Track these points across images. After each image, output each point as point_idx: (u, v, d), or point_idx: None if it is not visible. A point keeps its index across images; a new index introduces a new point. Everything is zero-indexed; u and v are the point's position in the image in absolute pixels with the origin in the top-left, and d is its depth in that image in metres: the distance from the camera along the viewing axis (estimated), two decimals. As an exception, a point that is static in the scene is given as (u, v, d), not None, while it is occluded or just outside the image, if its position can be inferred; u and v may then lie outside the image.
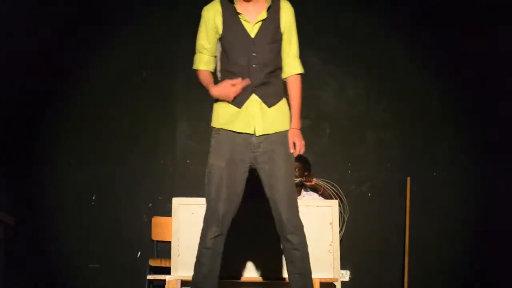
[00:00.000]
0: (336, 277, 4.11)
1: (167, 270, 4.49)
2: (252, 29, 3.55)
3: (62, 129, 5.94)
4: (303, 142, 3.61)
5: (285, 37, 3.61)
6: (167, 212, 5.51)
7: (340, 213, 5.30)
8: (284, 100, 3.66)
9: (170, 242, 4.22)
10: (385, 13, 6.11)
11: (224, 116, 3.67)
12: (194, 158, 6.01)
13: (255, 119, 3.57)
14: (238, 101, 3.59)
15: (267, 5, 3.56)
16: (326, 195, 5.45)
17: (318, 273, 4.07)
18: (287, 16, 3.60)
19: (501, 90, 5.91)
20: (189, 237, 4.10)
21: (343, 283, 5.17)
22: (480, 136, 5.94)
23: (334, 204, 4.27)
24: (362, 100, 6.07)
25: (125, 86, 6.04)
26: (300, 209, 4.10)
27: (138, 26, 6.08)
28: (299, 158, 5.57)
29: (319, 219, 4.17)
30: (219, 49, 3.64)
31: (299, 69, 3.66)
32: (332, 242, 4.16)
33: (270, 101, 3.61)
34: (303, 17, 6.23)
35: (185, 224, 4.14)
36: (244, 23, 3.55)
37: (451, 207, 5.90)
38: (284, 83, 3.68)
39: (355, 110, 6.07)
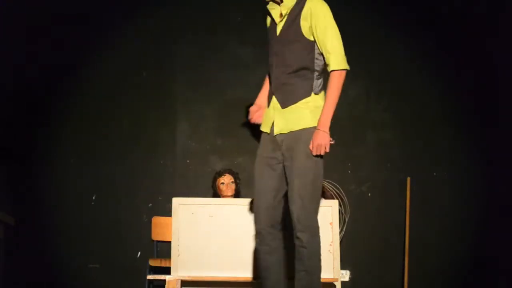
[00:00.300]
0: (336, 277, 4.11)
1: (167, 270, 4.49)
2: (277, 28, 3.59)
3: (62, 129, 5.94)
4: (320, 142, 3.49)
5: (315, 37, 3.55)
6: (167, 212, 5.51)
7: (341, 213, 5.30)
8: (308, 100, 3.57)
9: (170, 242, 4.22)
10: (385, 13, 6.11)
11: (264, 118, 3.76)
12: (194, 158, 6.01)
13: (274, 119, 3.62)
14: (268, 101, 3.70)
15: (290, 5, 3.56)
16: (327, 196, 5.45)
17: (318, 273, 4.07)
18: (311, 17, 3.52)
19: (501, 90, 5.91)
20: (189, 237, 4.11)
21: (343, 283, 5.18)
22: (480, 136, 5.94)
23: (334, 204, 4.27)
24: (362, 100, 6.07)
25: (125, 86, 6.04)
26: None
27: (138, 26, 6.08)
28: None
29: (319, 219, 4.17)
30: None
31: (333, 66, 3.54)
32: (332, 242, 4.16)
33: (284, 102, 3.60)
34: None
35: (185, 224, 4.14)
36: (274, 23, 3.62)
37: (451, 207, 5.90)
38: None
39: (355, 110, 6.07)
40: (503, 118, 5.89)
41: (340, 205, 5.27)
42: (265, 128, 3.71)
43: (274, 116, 3.62)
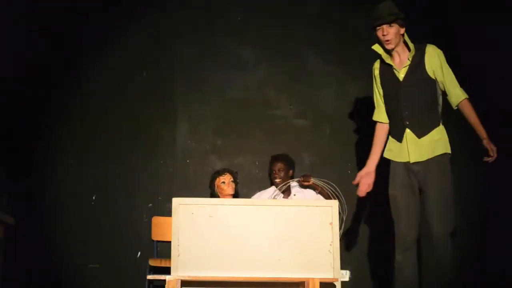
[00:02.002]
0: (336, 277, 4.11)
1: (167, 270, 4.49)
2: (399, 74, 4.41)
3: (62, 129, 5.94)
4: (493, 146, 4.38)
5: (438, 76, 4.36)
6: (167, 212, 5.52)
7: (339, 213, 5.31)
8: (439, 129, 4.41)
9: (170, 242, 4.22)
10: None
11: (392, 150, 4.49)
12: (194, 158, 6.01)
13: (410, 149, 4.35)
14: (398, 137, 4.45)
15: (411, 53, 4.39)
16: (323, 194, 5.45)
17: (318, 273, 4.07)
18: (432, 60, 4.36)
19: (501, 90, 5.90)
20: (189, 237, 4.11)
21: (343, 283, 5.17)
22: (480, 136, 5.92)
23: (334, 204, 4.27)
24: (362, 100, 6.07)
25: (125, 86, 6.05)
26: (300, 209, 4.13)
27: (138, 26, 6.09)
28: (280, 158, 5.59)
29: (319, 219, 4.17)
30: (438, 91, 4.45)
31: (463, 96, 4.37)
32: (332, 242, 4.16)
33: (420, 133, 4.36)
34: (304, 17, 6.29)
35: (185, 224, 4.14)
36: (394, 70, 4.43)
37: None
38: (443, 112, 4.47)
39: (355, 110, 6.07)
40: (503, 118, 5.88)
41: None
42: (398, 158, 4.42)
43: (408, 147, 4.36)
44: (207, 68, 6.12)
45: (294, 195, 5.55)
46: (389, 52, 4.46)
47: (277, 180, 5.55)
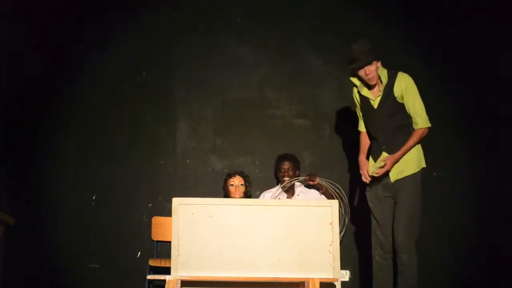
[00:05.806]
0: (336, 277, 4.11)
1: (167, 270, 4.49)
2: (373, 103, 4.71)
3: (62, 129, 5.94)
4: (388, 166, 4.61)
5: (405, 102, 4.64)
6: (167, 212, 5.52)
7: (341, 214, 5.31)
8: (413, 149, 4.66)
9: (170, 242, 4.22)
10: (385, 13, 6.11)
11: (371, 169, 4.78)
12: (194, 158, 6.01)
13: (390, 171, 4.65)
14: (376, 158, 4.74)
15: (384, 82, 4.67)
16: (327, 195, 5.45)
17: (318, 273, 4.07)
18: (401, 88, 4.64)
19: (501, 90, 5.91)
20: (189, 237, 4.11)
21: (343, 283, 5.17)
22: (480, 136, 5.93)
23: (334, 204, 4.27)
24: (362, 100, 6.06)
25: (125, 86, 6.05)
26: (300, 209, 4.14)
27: (139, 26, 6.09)
28: (289, 157, 5.58)
29: (319, 219, 4.17)
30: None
31: (419, 125, 4.64)
32: (332, 242, 4.16)
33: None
34: (304, 16, 6.29)
35: (185, 224, 4.14)
36: (370, 100, 4.73)
37: (450, 206, 5.89)
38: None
39: (355, 110, 6.06)
40: (502, 118, 5.89)
41: (340, 206, 5.29)
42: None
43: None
44: (207, 68, 6.12)
45: (298, 195, 5.54)
46: (368, 85, 4.75)
47: (286, 179, 5.53)
